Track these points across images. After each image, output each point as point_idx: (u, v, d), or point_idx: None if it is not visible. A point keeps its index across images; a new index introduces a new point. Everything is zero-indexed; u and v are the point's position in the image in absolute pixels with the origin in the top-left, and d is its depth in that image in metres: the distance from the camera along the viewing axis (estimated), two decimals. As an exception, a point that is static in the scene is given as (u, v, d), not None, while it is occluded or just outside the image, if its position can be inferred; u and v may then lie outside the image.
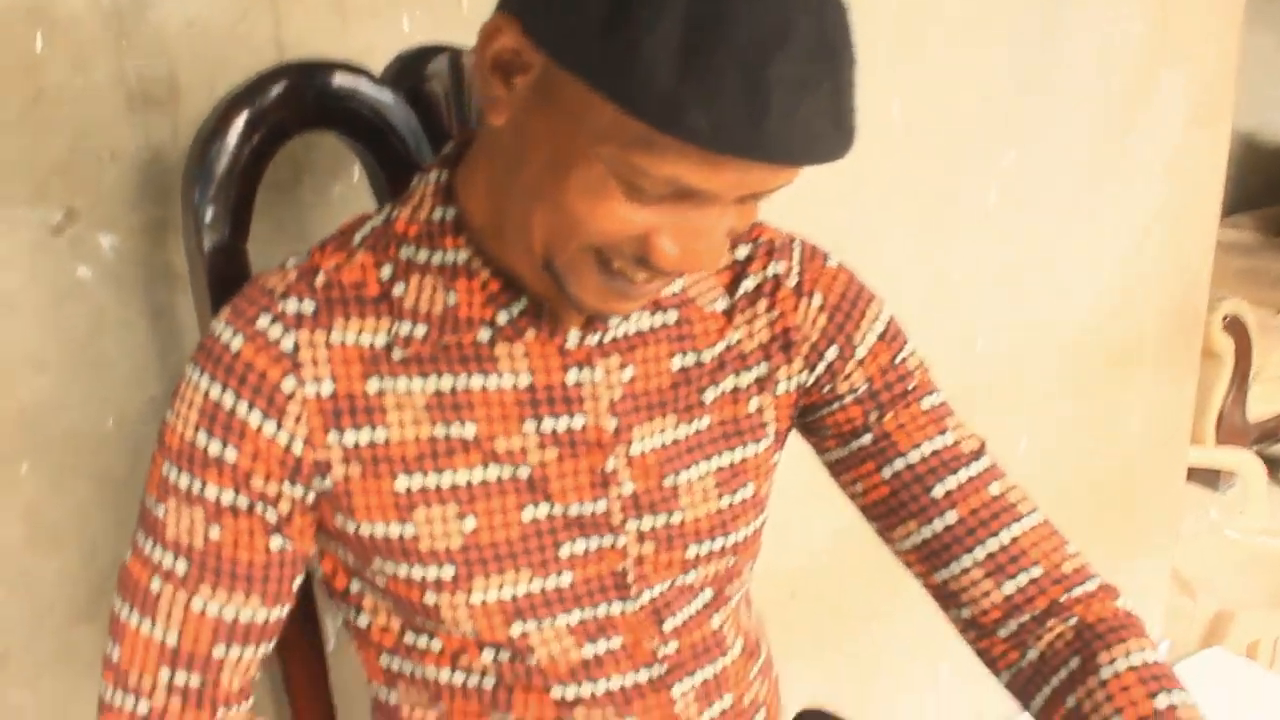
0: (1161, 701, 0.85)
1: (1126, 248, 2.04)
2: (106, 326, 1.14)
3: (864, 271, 1.00)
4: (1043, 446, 2.02)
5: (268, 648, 0.90)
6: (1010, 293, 1.90)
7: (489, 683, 0.90)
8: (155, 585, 0.85)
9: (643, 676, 0.91)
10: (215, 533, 0.84)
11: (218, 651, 0.87)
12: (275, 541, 0.85)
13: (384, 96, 1.02)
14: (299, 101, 0.98)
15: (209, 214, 0.96)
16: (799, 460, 1.13)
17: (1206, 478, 3.53)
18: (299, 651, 1.10)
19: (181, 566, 0.85)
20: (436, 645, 0.90)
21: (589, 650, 0.89)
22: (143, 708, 0.87)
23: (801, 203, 1.02)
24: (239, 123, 0.97)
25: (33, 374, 1.12)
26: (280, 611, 0.89)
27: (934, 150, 1.72)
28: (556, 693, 0.90)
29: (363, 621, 0.93)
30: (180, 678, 0.87)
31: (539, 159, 0.73)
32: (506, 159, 0.76)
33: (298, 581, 0.89)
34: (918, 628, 1.97)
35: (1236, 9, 2.06)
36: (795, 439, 1.06)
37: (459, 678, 0.91)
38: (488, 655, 0.88)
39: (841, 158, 0.70)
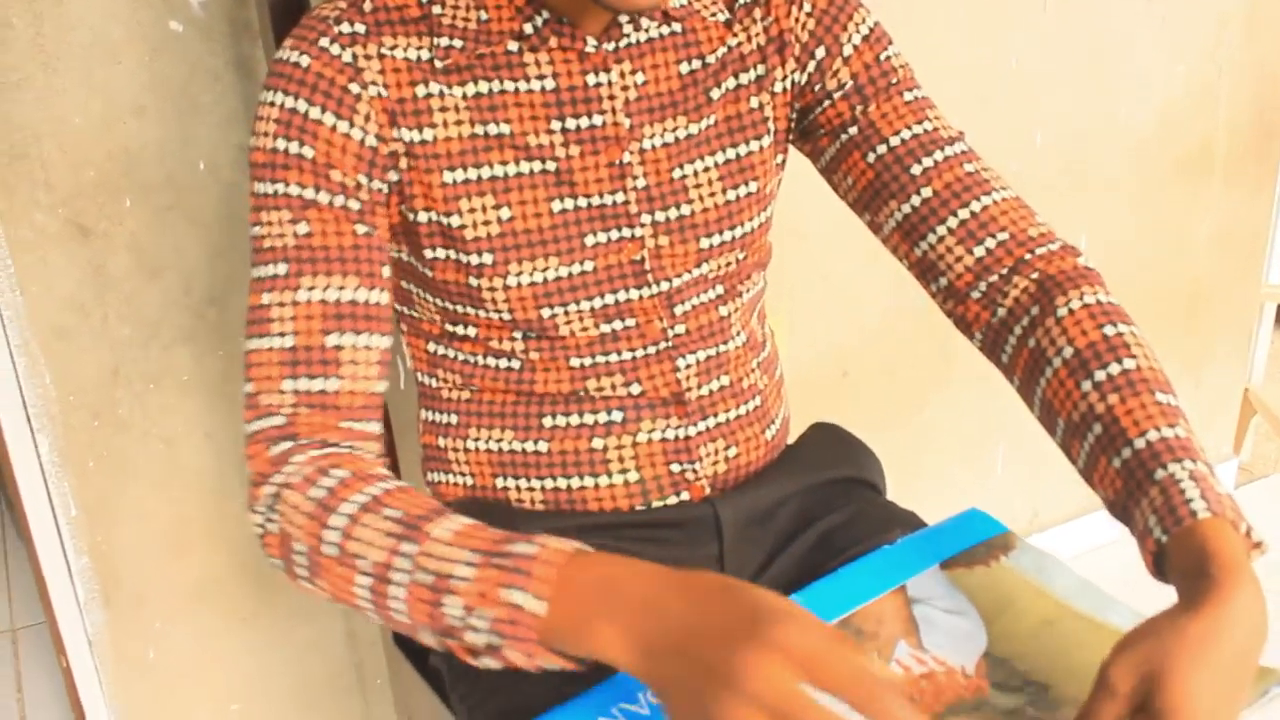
0: (1109, 330, 0.93)
1: (1197, 50, 2.03)
2: (197, 76, 1.27)
3: (910, 55, 1.07)
4: (1102, 248, 2.06)
5: (379, 342, 0.94)
6: (1071, 89, 1.92)
7: (515, 364, 1.03)
8: (265, 298, 0.91)
9: (651, 350, 1.03)
10: (303, 228, 0.91)
11: (331, 339, 0.91)
12: (360, 228, 0.93)
13: None
14: None
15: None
16: (852, 234, 1.19)
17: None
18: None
19: (282, 269, 0.91)
20: (472, 332, 1.02)
21: (605, 328, 1.01)
22: (276, 421, 0.90)
23: None
24: None
25: (134, 119, 1.26)
26: (379, 296, 0.94)
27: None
28: (574, 363, 1.02)
29: (415, 313, 1.06)
30: (303, 383, 0.90)
31: None
32: None
33: (386, 271, 0.96)
34: (972, 413, 2.05)
35: None
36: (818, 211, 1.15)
37: (490, 361, 1.03)
38: (517, 335, 1.01)
39: None
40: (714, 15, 1.01)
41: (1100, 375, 0.91)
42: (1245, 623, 0.73)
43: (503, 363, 1.03)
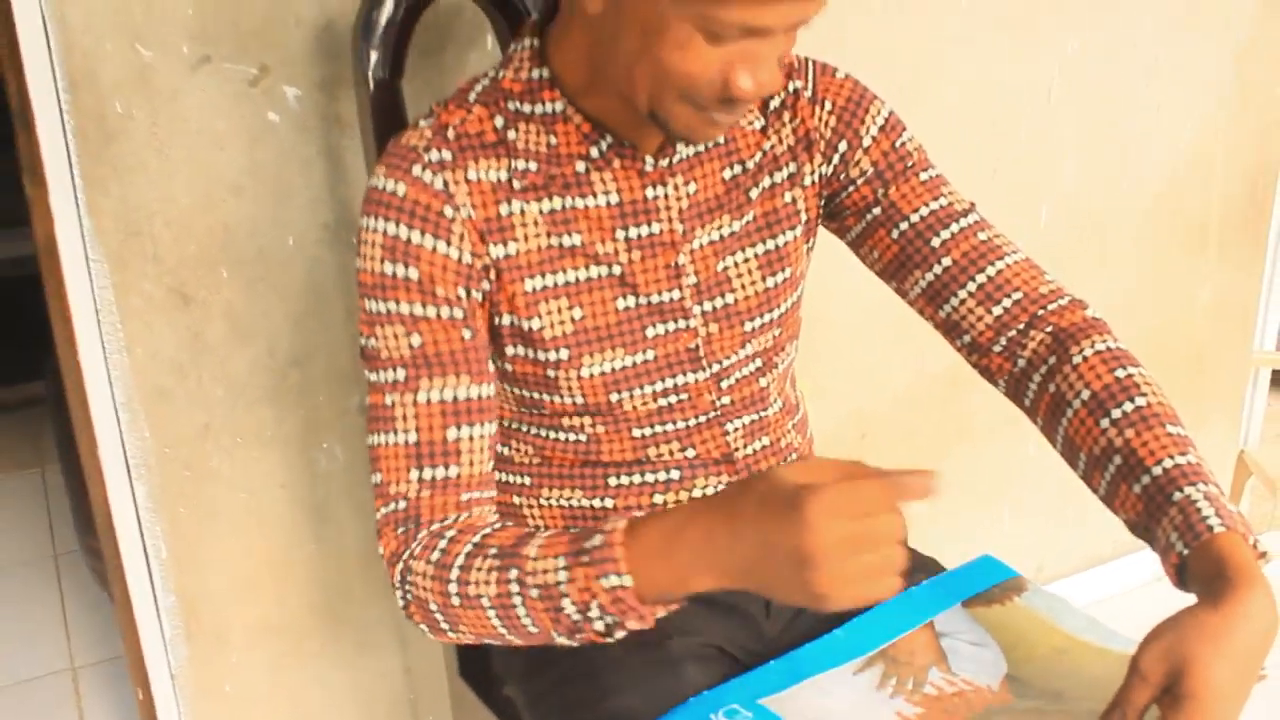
0: (1120, 373, 1.07)
1: (1191, 134, 2.18)
2: (290, 163, 1.42)
3: (927, 147, 1.21)
4: (1104, 317, 2.20)
5: (490, 429, 1.07)
6: (1074, 170, 2.07)
7: (583, 437, 1.16)
8: (388, 400, 1.04)
9: (702, 419, 1.16)
10: (415, 339, 1.03)
11: (451, 433, 1.04)
12: (465, 333, 1.05)
13: (512, -29, 1.27)
14: (445, -28, 1.23)
15: (374, 58, 1.23)
16: (876, 312, 1.31)
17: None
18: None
19: (400, 374, 1.03)
20: (542, 414, 1.15)
21: (663, 402, 1.14)
22: (401, 505, 1.04)
23: (872, 79, 1.21)
24: (398, -14, 1.23)
25: (232, 199, 1.40)
26: (488, 389, 1.07)
27: (1001, 33, 1.90)
28: (636, 433, 1.15)
29: None
30: (427, 473, 1.03)
31: (634, 32, 0.95)
32: (605, 36, 0.99)
33: (491, 366, 1.10)
34: (980, 474, 2.19)
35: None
36: (843, 289, 1.29)
37: (560, 435, 1.16)
38: (585, 414, 1.14)
39: None
40: (750, 124, 1.14)
41: (1117, 413, 1.04)
42: (1259, 619, 0.87)
43: (571, 436, 1.16)
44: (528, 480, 1.20)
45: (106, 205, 1.34)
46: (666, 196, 1.10)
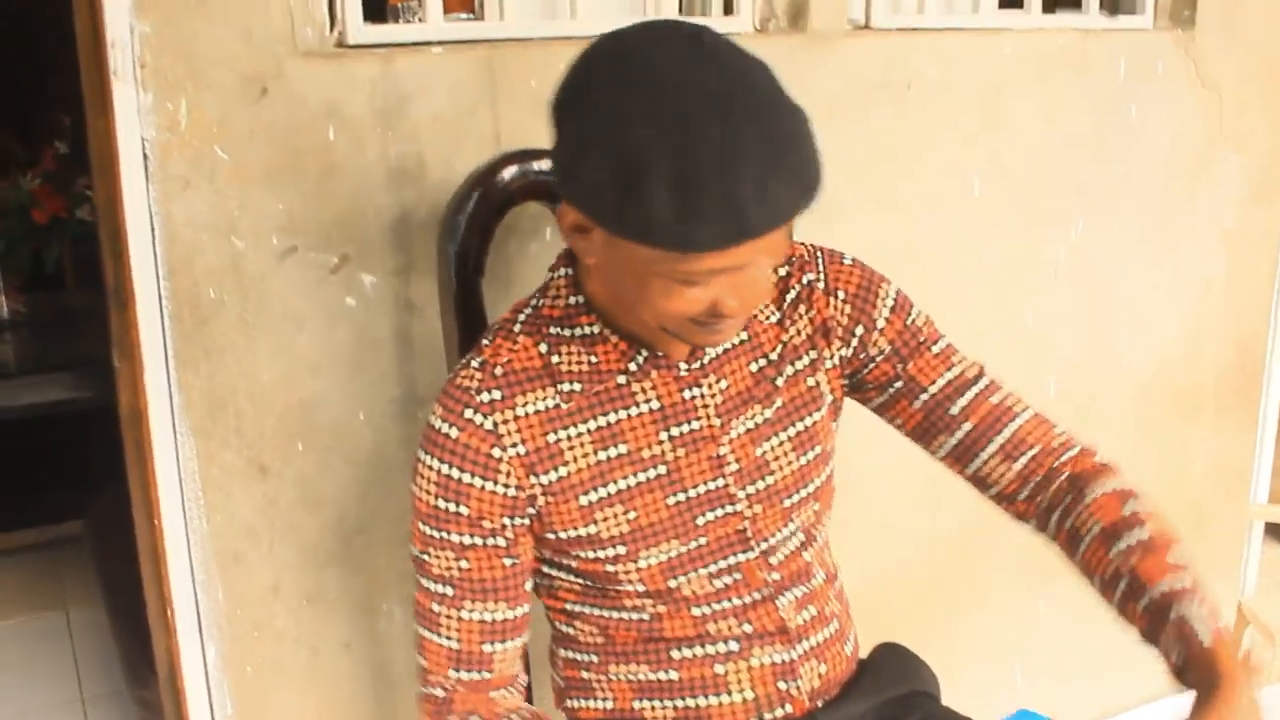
0: (1128, 508, 1.21)
1: (1186, 310, 2.32)
2: (364, 343, 1.53)
3: (946, 323, 1.32)
4: (1110, 480, 2.30)
5: (521, 639, 1.23)
6: (1080, 343, 2.20)
7: (645, 616, 1.25)
8: (435, 607, 1.20)
9: (757, 595, 1.25)
10: (464, 564, 1.18)
11: (486, 647, 1.20)
12: (508, 561, 1.19)
13: (579, 176, 1.40)
14: (522, 179, 1.36)
15: (456, 259, 1.35)
16: (892, 476, 1.41)
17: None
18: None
19: (449, 590, 1.19)
20: (606, 599, 1.25)
21: (719, 583, 1.24)
22: (439, 693, 1.21)
23: (895, 263, 1.33)
24: (478, 194, 1.35)
25: (310, 376, 1.51)
26: (522, 609, 1.22)
27: (1010, 218, 2.05)
28: (696, 611, 1.24)
29: (553, 585, 1.28)
30: (464, 674, 1.21)
31: (626, 281, 1.09)
32: (608, 279, 1.13)
33: (529, 585, 1.24)
34: (995, 629, 2.27)
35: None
36: (865, 458, 1.39)
37: (624, 615, 1.25)
38: (646, 598, 1.23)
39: (814, 199, 1.02)
40: (768, 318, 1.25)
41: (1122, 544, 1.19)
42: (1250, 711, 1.04)
43: (633, 615, 1.25)
44: (595, 658, 1.29)
45: (196, 382, 1.44)
46: (702, 395, 1.21)
